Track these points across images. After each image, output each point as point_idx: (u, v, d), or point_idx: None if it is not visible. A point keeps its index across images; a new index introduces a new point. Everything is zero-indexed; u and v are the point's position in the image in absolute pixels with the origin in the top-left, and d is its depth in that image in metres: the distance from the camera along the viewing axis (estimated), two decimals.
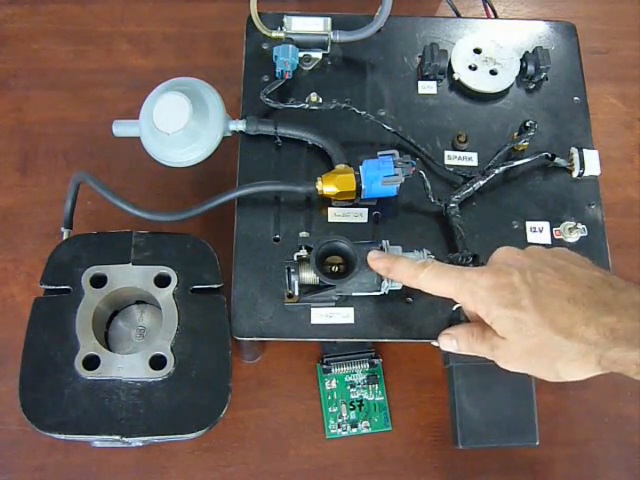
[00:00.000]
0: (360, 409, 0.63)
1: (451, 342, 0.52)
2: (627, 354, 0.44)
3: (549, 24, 0.70)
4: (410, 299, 0.58)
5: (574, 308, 0.45)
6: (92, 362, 0.55)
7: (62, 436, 0.54)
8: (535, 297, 0.46)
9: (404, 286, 0.55)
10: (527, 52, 0.66)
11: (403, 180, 0.58)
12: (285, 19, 0.65)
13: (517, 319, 0.46)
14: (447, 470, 0.62)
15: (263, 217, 0.60)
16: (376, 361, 0.64)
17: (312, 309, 0.57)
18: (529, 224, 0.61)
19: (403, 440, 0.63)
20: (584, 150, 0.62)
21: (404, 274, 0.51)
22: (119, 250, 0.59)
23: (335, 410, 0.63)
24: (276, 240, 0.60)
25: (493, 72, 0.66)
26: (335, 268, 0.55)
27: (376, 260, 0.53)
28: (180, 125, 0.58)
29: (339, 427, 0.63)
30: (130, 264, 0.59)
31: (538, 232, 0.60)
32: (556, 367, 0.47)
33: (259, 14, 0.63)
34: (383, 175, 0.57)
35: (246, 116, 0.63)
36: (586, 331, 0.44)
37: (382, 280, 0.54)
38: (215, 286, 0.59)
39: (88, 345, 0.56)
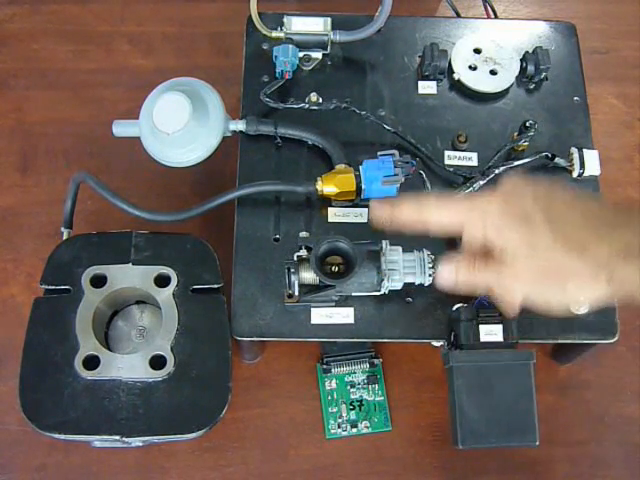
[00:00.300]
0: (360, 409, 0.63)
1: (450, 275, 0.49)
2: (637, 272, 0.43)
3: (549, 24, 0.70)
4: (410, 299, 0.58)
5: (587, 228, 0.45)
6: (92, 362, 0.55)
7: (62, 436, 0.54)
8: (547, 220, 0.45)
9: (404, 285, 0.56)
10: (527, 52, 0.66)
11: (403, 180, 0.58)
12: (285, 19, 0.65)
13: (529, 241, 0.45)
14: (447, 470, 0.62)
15: (263, 217, 0.60)
16: (376, 361, 0.64)
17: (312, 309, 0.57)
18: None
19: (403, 440, 0.63)
20: (584, 150, 0.62)
21: (409, 210, 0.49)
22: (119, 250, 0.59)
23: (335, 410, 0.63)
24: (276, 240, 0.60)
25: (493, 72, 0.66)
26: (335, 268, 0.55)
27: (378, 207, 0.51)
28: (180, 125, 0.58)
29: (339, 427, 0.63)
30: (130, 264, 0.59)
31: None
32: (567, 288, 0.46)
33: (259, 14, 0.63)
34: (383, 175, 0.57)
35: (246, 116, 0.63)
36: (598, 249, 0.44)
37: (382, 280, 0.54)
38: (215, 286, 0.59)
39: (88, 345, 0.56)
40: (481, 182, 0.61)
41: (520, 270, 0.46)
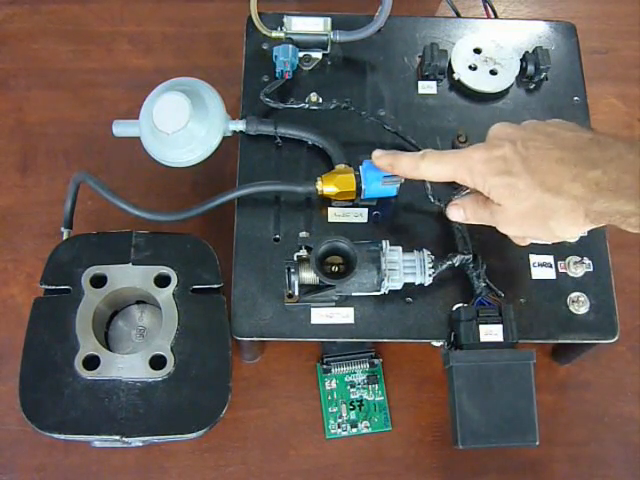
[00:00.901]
0: (360, 409, 0.63)
1: (459, 212, 0.54)
2: (611, 204, 0.46)
3: (549, 24, 0.70)
4: (410, 299, 0.58)
5: (562, 168, 0.47)
6: (92, 362, 0.55)
7: (62, 436, 0.54)
8: (525, 163, 0.48)
9: (404, 285, 0.56)
10: (527, 52, 0.66)
11: (403, 180, 0.58)
12: (285, 19, 0.65)
13: (510, 185, 0.49)
14: (447, 470, 0.62)
15: (263, 217, 0.60)
16: (376, 361, 0.64)
17: (312, 309, 0.57)
18: None
19: (403, 440, 0.63)
20: None
21: (406, 167, 0.54)
22: (119, 250, 0.59)
23: (335, 410, 0.63)
24: (276, 240, 0.60)
25: (493, 72, 0.66)
26: (335, 268, 0.55)
27: (380, 157, 0.55)
28: (180, 125, 0.58)
29: (339, 427, 0.63)
30: (130, 264, 0.59)
31: None
32: (550, 225, 0.49)
33: (259, 14, 0.63)
34: (383, 175, 0.57)
35: (246, 116, 0.63)
36: (573, 187, 0.47)
37: (382, 280, 0.54)
38: (215, 286, 0.59)
39: (88, 345, 0.56)
40: None
41: (506, 211, 0.50)
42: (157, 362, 0.56)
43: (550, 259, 0.59)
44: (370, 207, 0.61)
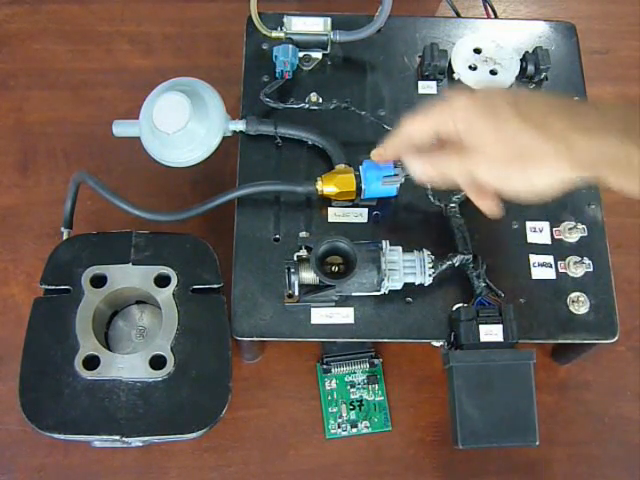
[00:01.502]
0: (360, 409, 0.63)
1: (424, 167, 0.53)
2: (598, 144, 0.46)
3: (549, 24, 0.70)
4: (410, 299, 0.58)
5: (551, 115, 0.48)
6: (92, 362, 0.55)
7: (62, 436, 0.54)
8: (514, 108, 0.48)
9: (404, 285, 0.56)
10: (527, 52, 0.66)
11: (403, 180, 0.58)
12: (285, 19, 0.65)
13: (497, 128, 0.49)
14: (447, 470, 0.62)
15: (263, 217, 0.60)
16: (376, 361, 0.64)
17: (312, 309, 0.57)
18: (529, 224, 0.61)
19: (403, 440, 0.63)
20: None
21: (393, 140, 0.54)
22: (119, 250, 0.59)
23: (335, 410, 0.63)
24: (276, 240, 0.60)
25: (493, 72, 0.66)
26: (335, 268, 0.55)
27: (375, 155, 0.56)
28: (180, 125, 0.58)
29: (339, 427, 0.63)
30: (130, 264, 0.59)
31: (538, 232, 0.60)
32: (529, 173, 0.49)
33: (259, 14, 0.63)
34: (383, 175, 0.57)
35: (246, 116, 0.63)
36: (559, 123, 0.47)
37: (382, 280, 0.54)
38: (215, 286, 0.59)
39: (88, 345, 0.56)
40: None
41: (490, 155, 0.49)
42: (157, 362, 0.56)
43: (550, 259, 0.59)
44: (370, 207, 0.61)
